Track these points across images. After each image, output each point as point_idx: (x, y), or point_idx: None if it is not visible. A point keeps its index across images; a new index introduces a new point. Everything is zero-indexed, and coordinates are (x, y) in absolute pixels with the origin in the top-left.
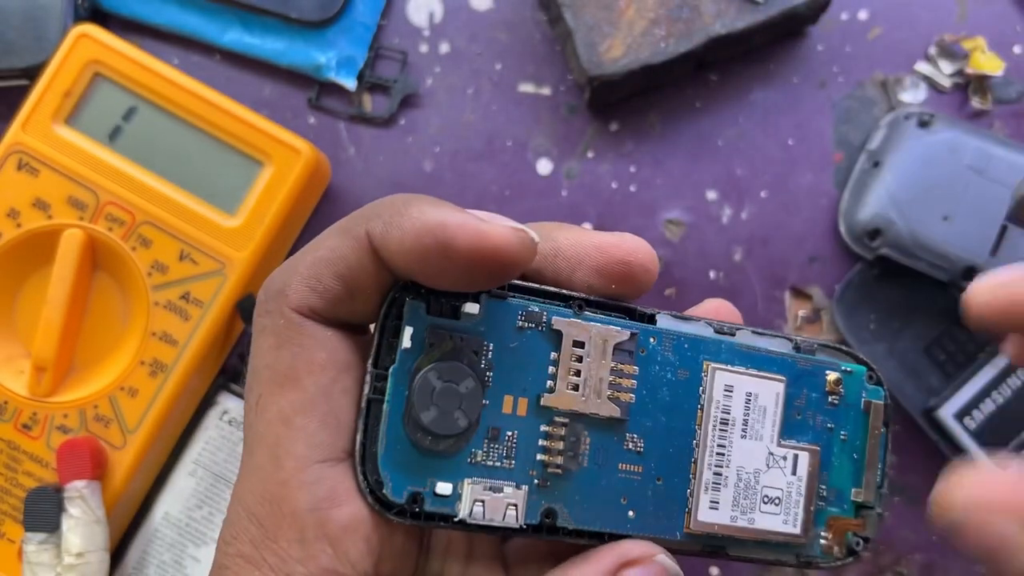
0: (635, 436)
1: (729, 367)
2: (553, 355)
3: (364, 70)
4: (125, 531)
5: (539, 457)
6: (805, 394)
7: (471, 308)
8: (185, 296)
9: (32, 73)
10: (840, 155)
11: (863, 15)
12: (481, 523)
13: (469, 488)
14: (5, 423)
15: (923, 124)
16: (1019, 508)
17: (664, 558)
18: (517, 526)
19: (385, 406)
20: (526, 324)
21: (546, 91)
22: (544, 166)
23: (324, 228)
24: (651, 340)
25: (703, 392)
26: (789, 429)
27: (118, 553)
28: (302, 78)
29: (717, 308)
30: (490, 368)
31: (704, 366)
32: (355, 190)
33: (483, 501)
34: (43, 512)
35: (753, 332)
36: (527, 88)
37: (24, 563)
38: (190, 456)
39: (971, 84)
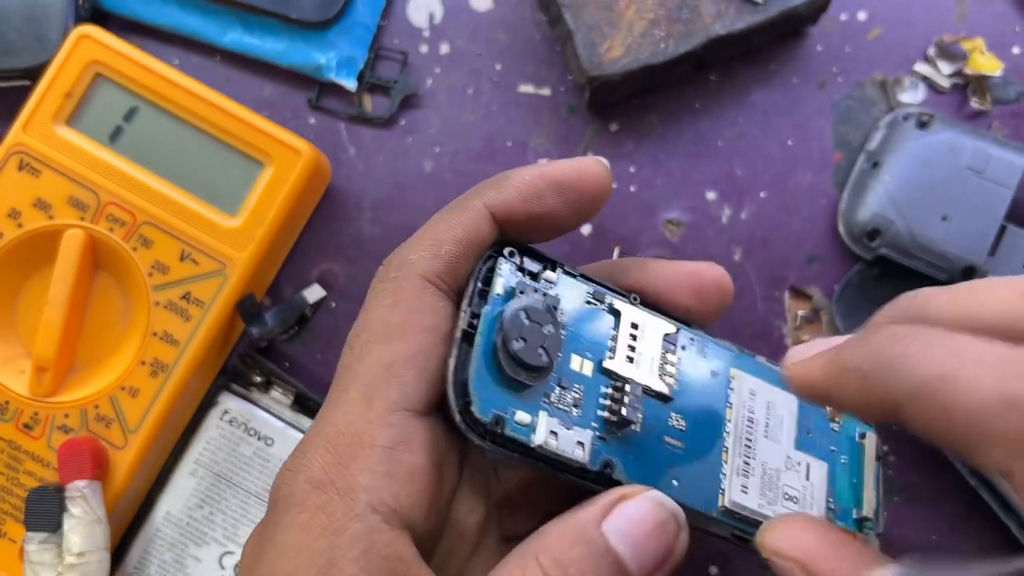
0: (678, 415)
1: (753, 376)
2: (612, 332)
3: (364, 70)
4: (126, 531)
5: (600, 413)
6: (814, 416)
7: (550, 275)
8: (186, 296)
9: (33, 74)
10: (839, 155)
11: (862, 16)
12: (552, 453)
13: (545, 420)
14: (6, 423)
15: (922, 124)
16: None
17: (657, 493)
18: (582, 464)
19: (478, 338)
20: (593, 300)
21: (546, 91)
22: None
23: (324, 228)
24: (691, 339)
25: (731, 391)
26: (802, 442)
27: (119, 553)
28: (302, 78)
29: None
30: (562, 327)
31: (731, 371)
32: (355, 190)
33: (556, 433)
34: (44, 512)
35: (768, 360)
36: (527, 88)
37: (25, 562)
38: (191, 456)
39: (970, 85)
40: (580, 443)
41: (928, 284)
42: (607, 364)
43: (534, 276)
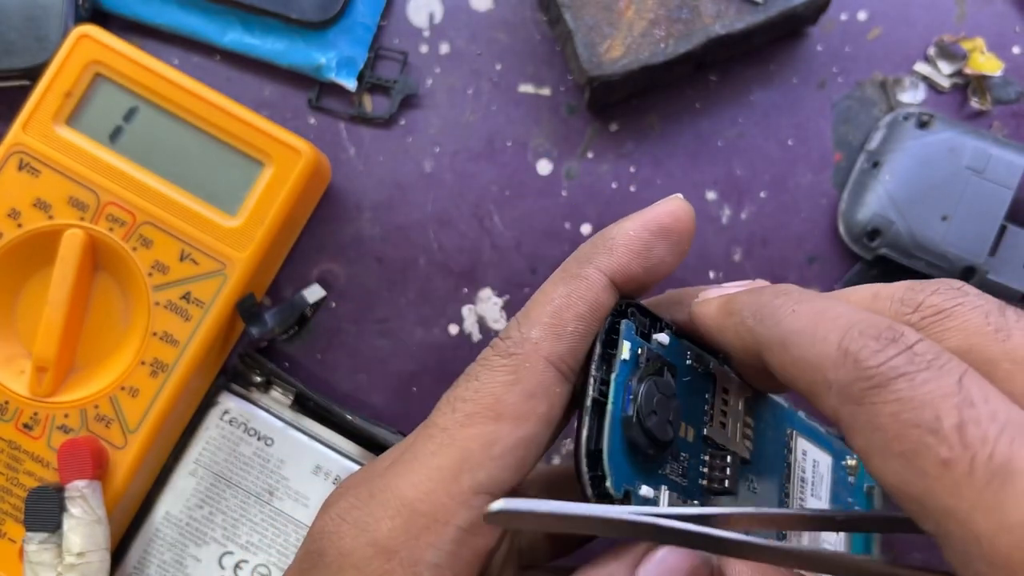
0: (752, 477)
1: (803, 436)
2: (708, 397)
3: (364, 70)
4: (126, 531)
5: (702, 481)
6: (839, 471)
7: (662, 337)
8: (186, 296)
9: (33, 73)
10: (839, 155)
11: (862, 16)
12: (675, 528)
13: (666, 494)
14: (6, 423)
15: (922, 124)
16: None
17: (674, 548)
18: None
19: (610, 406)
20: (695, 364)
21: (546, 91)
22: (544, 166)
23: (324, 228)
24: (761, 402)
25: (788, 452)
26: (834, 496)
27: (119, 553)
28: (302, 78)
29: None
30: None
31: (789, 431)
32: (355, 190)
33: (675, 506)
34: (44, 512)
35: (808, 416)
36: (527, 88)
37: (25, 563)
38: (191, 456)
39: (970, 84)
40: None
41: None
42: (707, 431)
43: (647, 337)
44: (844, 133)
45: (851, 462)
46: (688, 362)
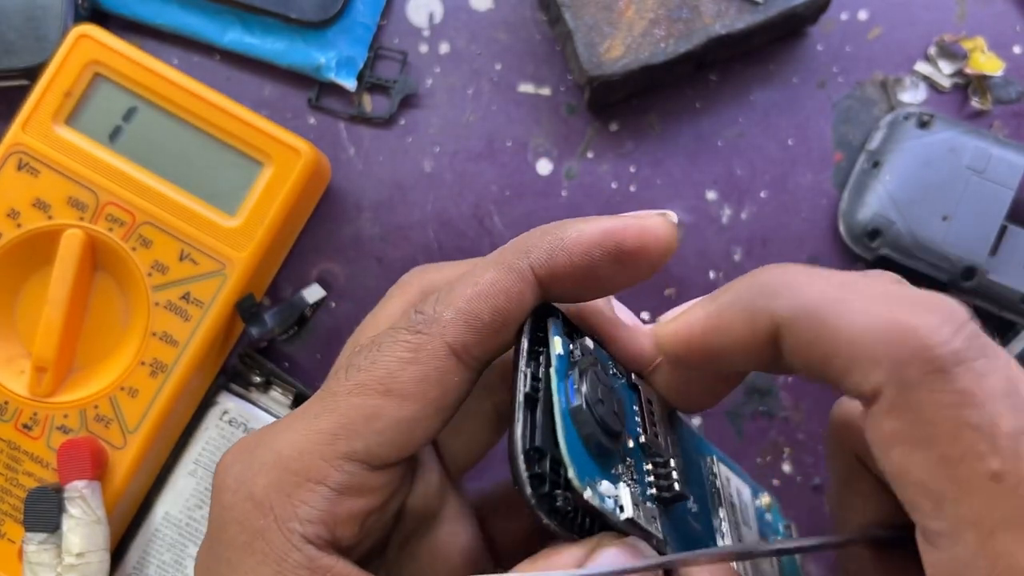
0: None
1: (723, 463)
2: (635, 407)
3: (364, 70)
4: (125, 531)
5: (650, 490)
6: (755, 506)
7: (588, 342)
8: (185, 296)
9: (32, 73)
10: (840, 155)
11: (863, 15)
12: (639, 527)
13: (626, 491)
14: (5, 423)
15: (923, 124)
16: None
17: (636, 539)
18: (657, 538)
19: (556, 397)
20: (617, 372)
21: (546, 91)
22: (544, 166)
23: (323, 228)
24: (677, 422)
25: (714, 478)
26: (760, 529)
27: (118, 553)
28: (302, 78)
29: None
30: None
31: (709, 458)
32: (355, 190)
33: (637, 506)
34: (43, 512)
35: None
36: (527, 88)
37: (24, 563)
38: (190, 456)
39: (971, 84)
40: (654, 517)
41: (929, 285)
42: (644, 439)
43: (571, 337)
44: (844, 133)
45: (765, 500)
46: (612, 371)
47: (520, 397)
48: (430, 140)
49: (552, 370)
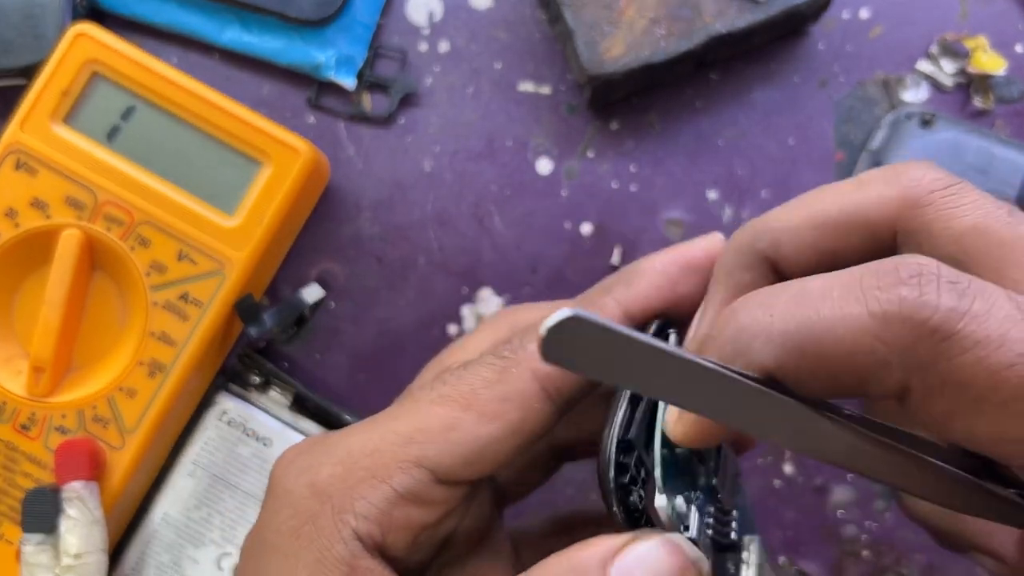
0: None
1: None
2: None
3: (363, 69)
4: (123, 532)
5: (707, 531)
6: None
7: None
8: (184, 296)
9: (30, 72)
10: (841, 155)
11: (864, 14)
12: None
13: (695, 516)
14: (3, 424)
15: (925, 123)
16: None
17: (677, 536)
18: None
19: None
20: None
21: (546, 90)
22: (544, 166)
23: (323, 228)
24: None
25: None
26: None
27: (116, 554)
28: (301, 77)
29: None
30: None
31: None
32: (354, 190)
33: (700, 532)
34: (41, 513)
35: None
36: (527, 87)
37: (22, 564)
38: (189, 457)
39: (973, 83)
40: (708, 554)
41: None
42: (714, 481)
43: None
44: (846, 132)
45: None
46: None
47: (627, 392)
48: (430, 139)
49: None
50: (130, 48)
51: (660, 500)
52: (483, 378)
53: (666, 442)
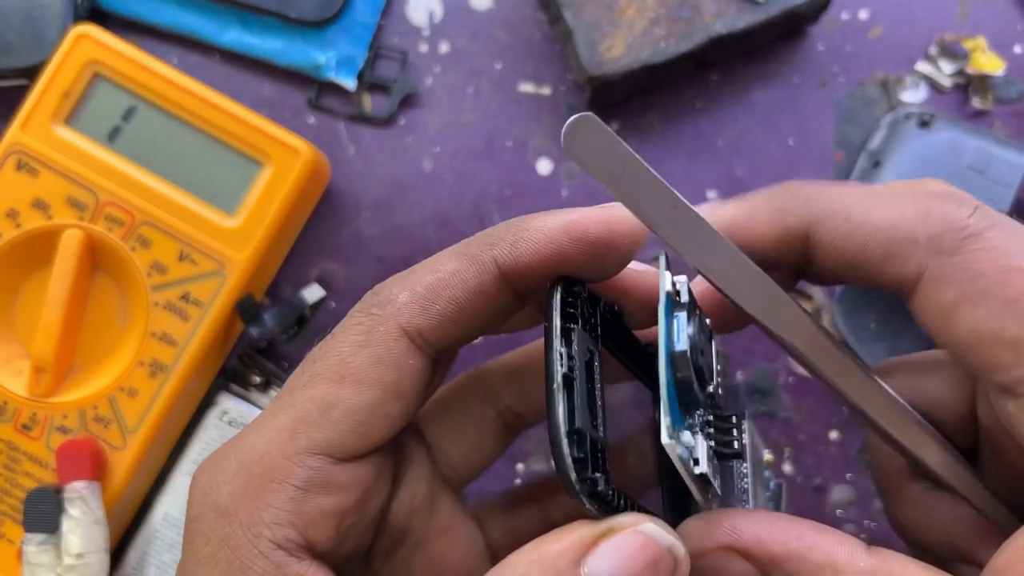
0: None
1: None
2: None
3: (364, 70)
4: (125, 532)
5: (709, 443)
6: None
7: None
8: (185, 296)
9: (31, 73)
10: (841, 155)
11: (864, 15)
12: (710, 480)
13: (702, 443)
14: (5, 424)
15: (924, 124)
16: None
17: (651, 526)
18: (714, 491)
19: (663, 339)
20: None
21: (546, 91)
22: (544, 166)
23: (323, 228)
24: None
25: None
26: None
27: (118, 554)
28: (301, 78)
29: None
30: None
31: (740, 415)
32: (355, 190)
33: (711, 460)
34: (43, 513)
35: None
36: (527, 88)
37: (24, 564)
38: (190, 456)
39: (972, 84)
40: (716, 473)
41: None
42: (710, 389)
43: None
44: (845, 132)
45: (768, 457)
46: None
47: (558, 379)
48: (430, 140)
49: (662, 308)
50: (131, 49)
51: (669, 441)
52: (350, 342)
53: (671, 377)
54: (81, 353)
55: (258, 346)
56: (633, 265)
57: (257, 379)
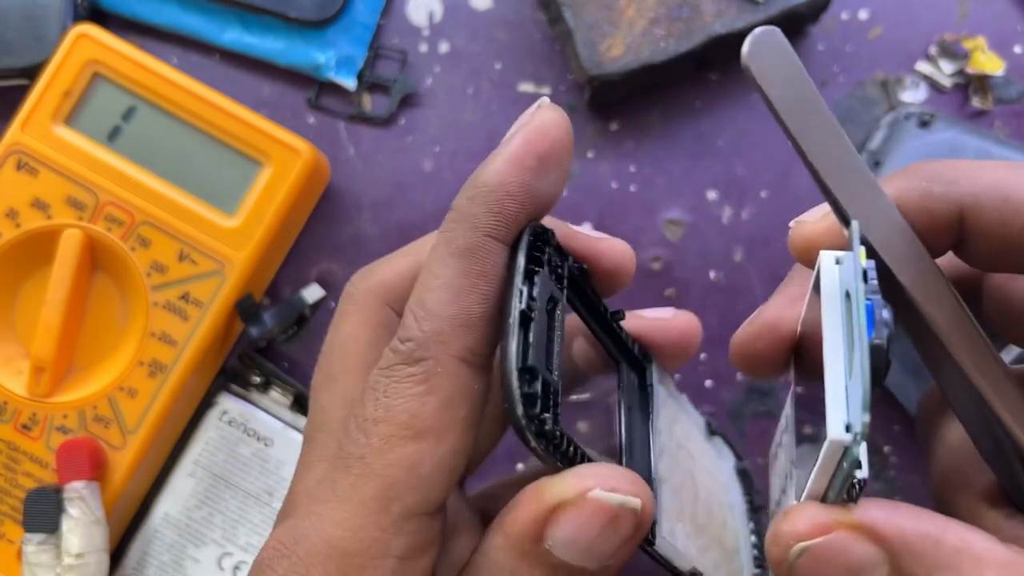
0: None
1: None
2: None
3: (364, 70)
4: (124, 532)
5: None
6: None
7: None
8: (184, 296)
9: (31, 73)
10: None
11: (863, 15)
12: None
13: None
14: (4, 424)
15: (923, 124)
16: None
17: (598, 492)
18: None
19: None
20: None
21: (546, 91)
22: None
23: (323, 228)
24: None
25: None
26: None
27: (117, 554)
28: (301, 78)
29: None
30: None
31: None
32: (355, 190)
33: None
34: (42, 513)
35: None
36: (527, 88)
37: (24, 564)
38: (190, 456)
39: (972, 84)
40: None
41: None
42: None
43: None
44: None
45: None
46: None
47: (515, 314)
48: (430, 140)
49: (856, 290)
50: (131, 49)
51: (846, 442)
52: (413, 395)
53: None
54: (81, 353)
55: (258, 346)
56: (595, 233)
57: (257, 379)
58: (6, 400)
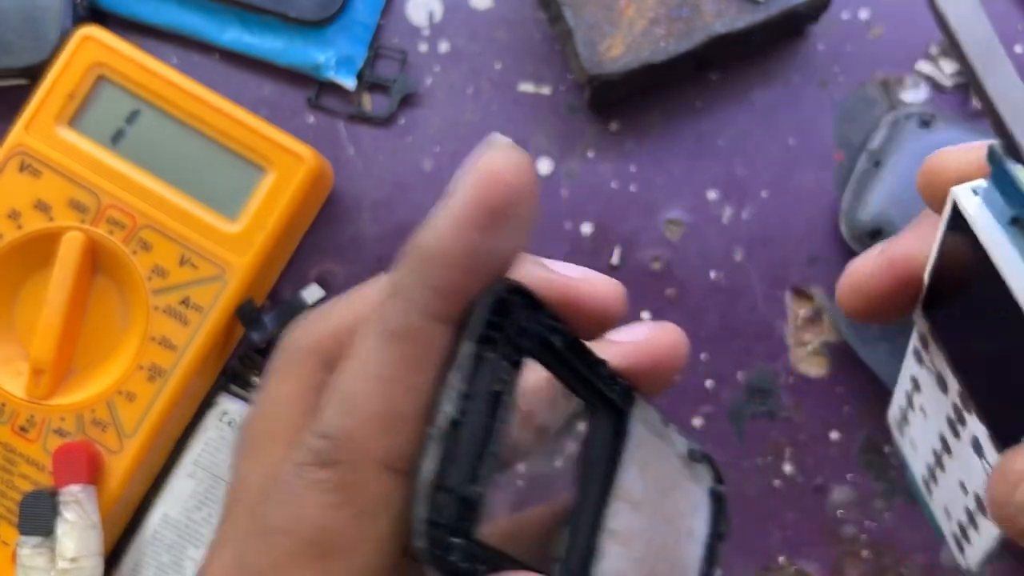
0: None
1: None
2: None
3: (363, 69)
4: (120, 536)
5: None
6: None
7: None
8: (185, 301)
9: (31, 73)
10: (841, 155)
11: (864, 14)
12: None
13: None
14: (2, 425)
15: (924, 124)
16: None
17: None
18: None
19: None
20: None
21: (546, 91)
22: (544, 166)
23: (323, 228)
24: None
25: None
26: None
27: (113, 557)
28: (301, 77)
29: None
30: None
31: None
32: (355, 190)
33: None
34: (38, 516)
35: None
36: (527, 88)
37: (18, 567)
38: (189, 457)
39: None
40: None
41: None
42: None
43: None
44: (845, 132)
45: None
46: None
47: (441, 421)
48: (430, 139)
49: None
50: (136, 52)
51: None
52: (323, 505)
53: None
54: (80, 356)
55: (258, 347)
56: (575, 271)
57: (257, 380)
58: (4, 401)
